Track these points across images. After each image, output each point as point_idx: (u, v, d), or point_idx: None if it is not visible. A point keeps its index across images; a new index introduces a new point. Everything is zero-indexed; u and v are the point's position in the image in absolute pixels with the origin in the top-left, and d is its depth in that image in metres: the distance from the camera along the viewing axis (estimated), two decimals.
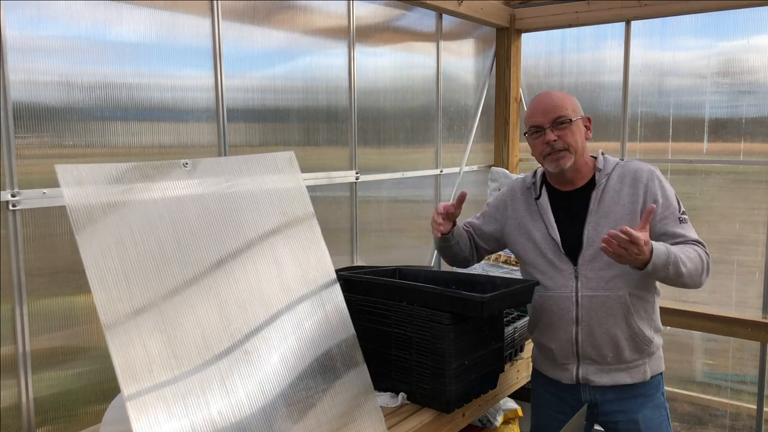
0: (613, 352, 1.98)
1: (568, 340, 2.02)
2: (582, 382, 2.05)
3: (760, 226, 3.43)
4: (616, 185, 1.99)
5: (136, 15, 2.08)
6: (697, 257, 1.88)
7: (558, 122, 1.97)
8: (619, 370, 2.01)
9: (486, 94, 4.09)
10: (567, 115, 1.98)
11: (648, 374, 2.02)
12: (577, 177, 2.04)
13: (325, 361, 1.76)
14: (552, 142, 1.98)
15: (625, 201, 1.96)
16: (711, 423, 3.73)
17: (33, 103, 1.85)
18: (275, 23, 2.60)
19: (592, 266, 1.97)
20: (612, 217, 1.96)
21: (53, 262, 1.92)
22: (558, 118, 1.97)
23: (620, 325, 1.96)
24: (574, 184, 2.05)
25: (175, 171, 1.66)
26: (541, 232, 2.06)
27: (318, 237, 1.90)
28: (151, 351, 1.43)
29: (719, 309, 3.52)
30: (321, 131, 2.87)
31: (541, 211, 2.08)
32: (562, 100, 2.01)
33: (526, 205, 2.14)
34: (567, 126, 1.98)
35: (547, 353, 2.13)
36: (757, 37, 3.39)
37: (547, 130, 1.98)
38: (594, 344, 1.99)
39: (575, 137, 1.99)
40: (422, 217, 3.63)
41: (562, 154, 1.98)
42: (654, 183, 1.96)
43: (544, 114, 1.99)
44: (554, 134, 1.97)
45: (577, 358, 2.03)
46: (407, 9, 3.33)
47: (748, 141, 3.45)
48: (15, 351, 1.84)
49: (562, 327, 2.02)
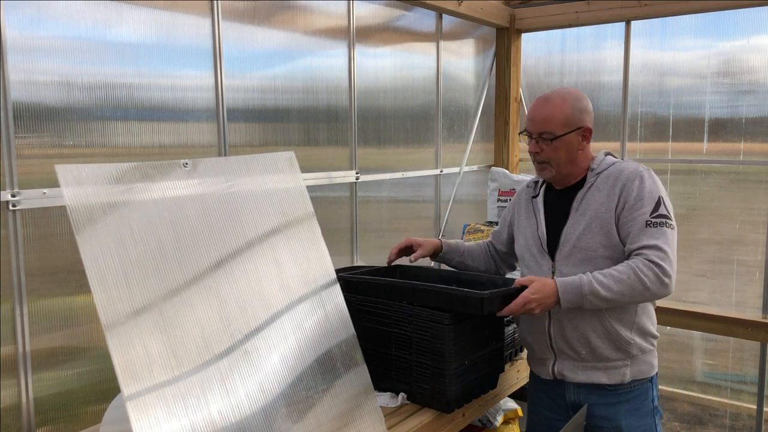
0: (587, 349, 1.98)
1: (543, 333, 2.04)
2: (558, 377, 2.05)
3: (760, 226, 3.43)
4: (600, 185, 1.99)
5: (136, 15, 2.08)
6: (627, 275, 1.80)
7: (542, 137, 1.99)
8: (595, 368, 1.99)
9: (486, 94, 4.09)
10: (552, 131, 1.96)
11: (627, 377, 1.99)
12: (569, 178, 2.06)
13: (325, 361, 1.76)
14: (534, 153, 2.02)
15: (602, 199, 1.95)
16: (711, 423, 3.73)
17: (33, 103, 1.85)
18: (275, 23, 2.60)
19: (567, 262, 1.98)
20: (588, 215, 1.96)
21: (53, 262, 1.92)
22: (543, 132, 1.98)
23: (591, 322, 1.95)
24: (566, 183, 2.07)
25: (175, 171, 1.66)
26: (532, 229, 2.12)
27: (318, 237, 1.90)
28: (151, 351, 1.43)
29: (719, 309, 3.52)
30: (321, 131, 2.87)
31: (535, 209, 2.13)
32: (551, 113, 1.97)
33: (526, 203, 2.20)
34: (549, 143, 1.98)
35: (528, 347, 2.18)
36: (757, 37, 3.39)
37: (532, 141, 2.02)
38: (565, 339, 2.00)
39: (557, 153, 1.98)
40: (422, 217, 3.63)
41: (543, 166, 2.03)
42: (633, 183, 1.91)
43: (532, 123, 2.02)
44: (537, 146, 2.00)
45: (553, 352, 2.05)
46: (407, 9, 3.33)
47: (748, 141, 3.45)
48: (15, 351, 1.84)
49: (537, 320, 2.04)
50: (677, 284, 1.88)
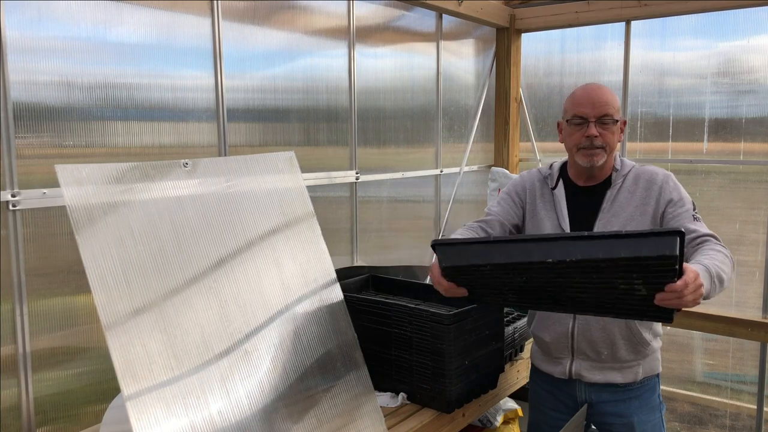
0: (609, 350, 1.98)
1: (564, 333, 2.02)
2: (575, 377, 2.05)
3: (760, 226, 3.43)
4: (630, 186, 2.00)
5: (136, 15, 2.08)
6: (723, 255, 1.78)
7: (603, 119, 1.96)
8: (612, 368, 2.01)
9: (486, 94, 4.09)
10: (613, 114, 1.96)
11: (640, 375, 2.02)
12: (600, 174, 2.04)
13: (325, 361, 1.76)
14: (594, 137, 1.95)
15: (637, 202, 1.97)
16: (711, 423, 3.73)
17: (33, 103, 1.85)
18: (275, 23, 2.60)
19: None
20: (622, 216, 1.97)
21: (53, 262, 1.92)
22: (605, 115, 1.95)
23: (618, 324, 1.96)
24: (592, 180, 2.05)
25: (175, 171, 1.66)
26: (552, 222, 2.05)
27: (318, 237, 1.90)
28: (151, 351, 1.43)
29: (719, 309, 3.52)
30: (321, 131, 2.87)
31: (555, 201, 2.07)
32: (612, 97, 1.99)
33: (541, 193, 2.11)
34: (610, 125, 1.96)
35: (542, 346, 2.13)
36: (757, 37, 3.39)
37: (591, 123, 1.95)
38: (590, 340, 1.99)
39: (614, 138, 1.98)
40: (422, 217, 3.63)
41: (597, 152, 1.96)
42: (668, 185, 1.97)
43: (593, 106, 1.96)
44: (597, 130, 1.95)
45: (572, 353, 2.04)
46: (407, 9, 3.33)
47: (748, 141, 3.45)
48: (15, 351, 1.84)
49: (559, 319, 2.03)
50: None
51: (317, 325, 1.79)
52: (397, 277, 2.49)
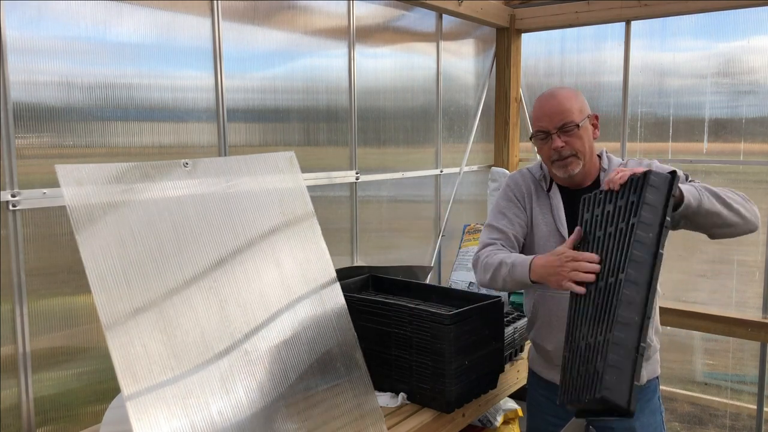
0: None
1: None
2: None
3: (760, 226, 3.42)
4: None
5: (136, 15, 2.08)
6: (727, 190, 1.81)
7: (564, 128, 1.90)
8: None
9: (486, 94, 4.09)
10: (573, 119, 1.90)
11: (644, 378, 1.99)
12: (585, 178, 2.01)
13: (325, 361, 1.76)
14: (559, 148, 1.91)
15: None
16: (711, 423, 3.73)
17: (33, 103, 1.85)
18: (275, 23, 2.60)
19: None
20: None
21: (53, 262, 1.92)
22: (565, 124, 1.90)
23: None
24: (580, 184, 2.03)
25: (175, 171, 1.66)
26: (549, 226, 2.02)
27: (318, 237, 1.90)
28: (151, 351, 1.42)
29: (719, 309, 3.52)
30: (321, 131, 2.87)
31: (552, 205, 2.03)
32: (568, 102, 1.92)
33: (537, 196, 2.08)
34: (574, 131, 1.90)
35: (543, 354, 2.10)
36: (757, 37, 3.39)
37: (553, 135, 1.91)
38: None
39: (583, 142, 1.92)
40: (422, 217, 3.63)
41: (569, 161, 1.93)
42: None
43: (550, 119, 1.92)
44: (561, 140, 1.90)
45: None
46: (407, 9, 3.33)
47: (748, 141, 3.45)
48: (15, 351, 1.84)
49: (560, 327, 2.01)
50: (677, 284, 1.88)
51: (317, 325, 1.79)
52: (397, 277, 2.50)
